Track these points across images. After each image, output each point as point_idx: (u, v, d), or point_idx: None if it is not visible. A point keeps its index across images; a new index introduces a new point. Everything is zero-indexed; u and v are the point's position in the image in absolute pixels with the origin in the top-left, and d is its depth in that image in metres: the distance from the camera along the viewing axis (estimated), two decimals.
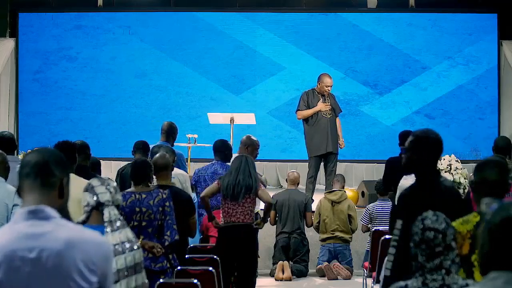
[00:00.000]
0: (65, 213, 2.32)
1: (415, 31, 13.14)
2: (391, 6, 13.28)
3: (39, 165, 2.31)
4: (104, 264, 2.27)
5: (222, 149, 7.75)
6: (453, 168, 10.75)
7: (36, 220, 2.24)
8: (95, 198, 4.05)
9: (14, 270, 2.19)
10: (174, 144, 8.32)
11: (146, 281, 4.15)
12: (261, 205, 7.60)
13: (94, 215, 4.05)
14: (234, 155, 7.71)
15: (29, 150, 9.57)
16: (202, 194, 6.57)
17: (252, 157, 7.77)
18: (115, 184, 4.15)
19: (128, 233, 4.06)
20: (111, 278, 2.31)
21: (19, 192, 2.34)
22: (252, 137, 7.95)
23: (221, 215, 6.53)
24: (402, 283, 2.91)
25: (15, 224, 2.25)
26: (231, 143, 10.10)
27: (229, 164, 7.21)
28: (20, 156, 10.82)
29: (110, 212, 4.02)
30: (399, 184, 6.74)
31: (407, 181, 6.55)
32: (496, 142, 7.02)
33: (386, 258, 3.74)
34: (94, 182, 4.12)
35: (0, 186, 5.41)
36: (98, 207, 4.04)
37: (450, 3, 13.24)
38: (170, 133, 8.33)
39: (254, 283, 6.60)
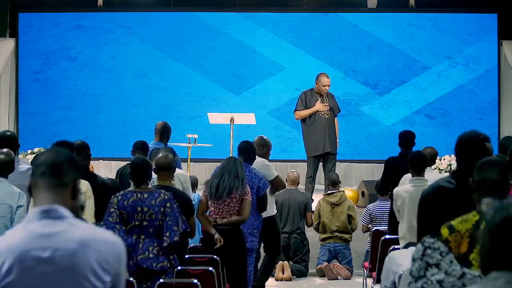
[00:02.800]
0: (76, 214, 2.32)
1: (415, 31, 13.13)
2: (391, 6, 13.28)
3: (56, 165, 2.30)
4: (118, 264, 2.27)
5: (246, 151, 7.52)
6: (453, 168, 10.76)
7: (49, 220, 2.24)
8: None
9: (28, 270, 2.18)
10: (168, 144, 8.30)
11: None
12: (273, 209, 7.60)
13: None
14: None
15: (29, 151, 9.44)
16: (195, 214, 6.49)
17: (267, 156, 7.73)
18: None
19: None
20: (123, 278, 2.31)
21: (31, 190, 2.33)
22: (265, 137, 7.87)
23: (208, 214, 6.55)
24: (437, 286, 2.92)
25: (28, 224, 2.25)
26: (231, 144, 10.14)
27: (251, 166, 7.10)
28: (21, 156, 10.81)
29: None
30: (400, 183, 6.75)
31: (405, 180, 6.57)
32: (503, 141, 6.97)
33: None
34: None
35: (1, 186, 5.38)
36: None
37: (450, 3, 13.24)
38: (164, 133, 8.29)
39: (247, 283, 6.58)
